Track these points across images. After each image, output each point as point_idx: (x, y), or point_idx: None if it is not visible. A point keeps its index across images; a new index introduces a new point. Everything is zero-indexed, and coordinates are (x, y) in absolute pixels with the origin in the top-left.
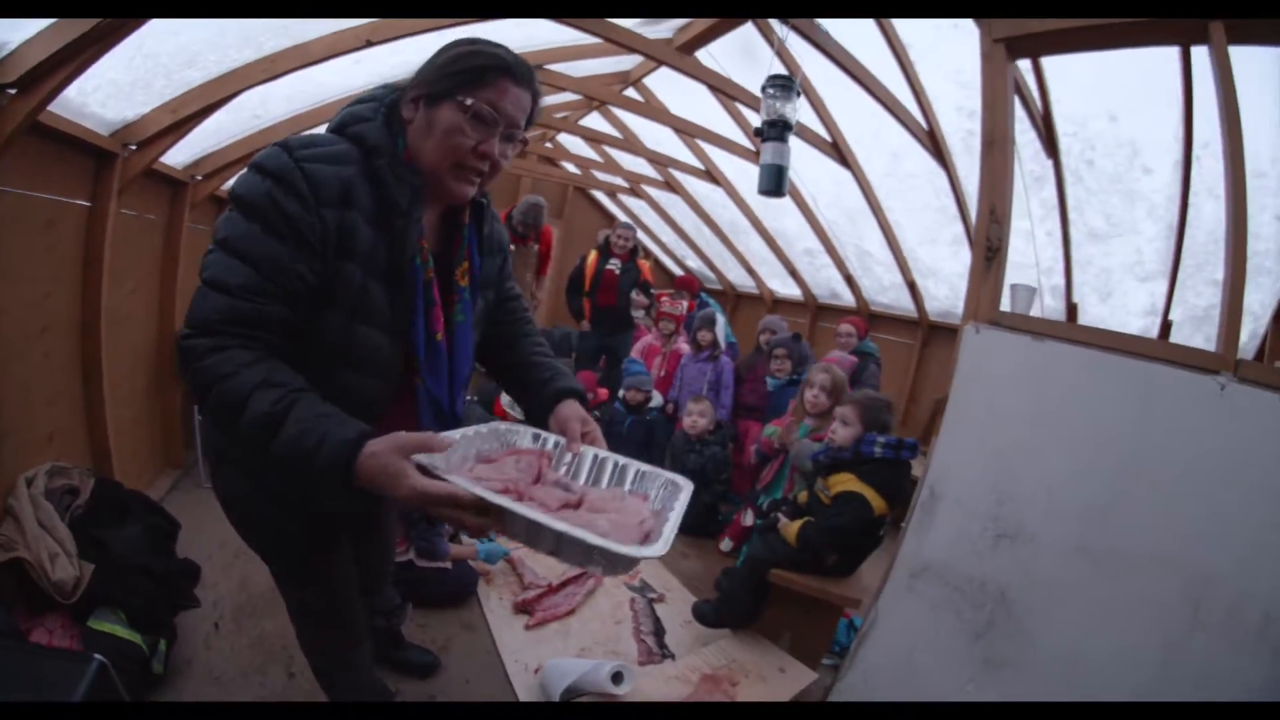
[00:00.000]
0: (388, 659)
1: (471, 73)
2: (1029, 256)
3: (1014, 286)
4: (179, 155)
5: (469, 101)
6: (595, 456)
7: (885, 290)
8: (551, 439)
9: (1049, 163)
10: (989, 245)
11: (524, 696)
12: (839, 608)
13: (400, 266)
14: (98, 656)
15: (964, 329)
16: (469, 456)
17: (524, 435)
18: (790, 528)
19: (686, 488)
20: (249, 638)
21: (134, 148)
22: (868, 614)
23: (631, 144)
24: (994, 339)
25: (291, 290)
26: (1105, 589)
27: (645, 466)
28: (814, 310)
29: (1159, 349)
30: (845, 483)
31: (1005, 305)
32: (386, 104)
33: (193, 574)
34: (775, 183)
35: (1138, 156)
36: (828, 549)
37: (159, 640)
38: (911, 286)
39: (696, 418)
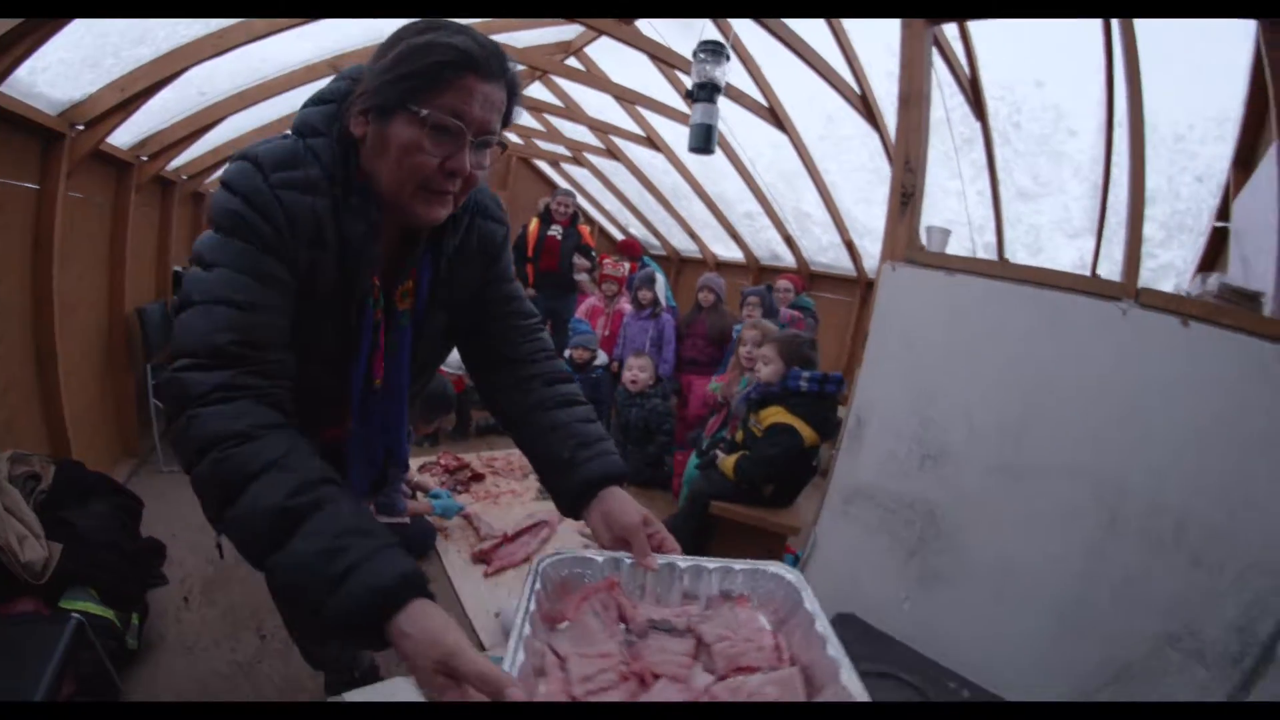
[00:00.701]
0: None
1: (426, 75)
2: (961, 215)
3: (929, 228)
4: (124, 136)
5: (425, 113)
6: (675, 568)
7: (824, 250)
8: (620, 559)
9: (978, 125)
10: (904, 191)
11: (486, 640)
12: (782, 538)
13: (349, 308)
14: (75, 615)
15: (882, 267)
16: (533, 626)
17: (594, 566)
18: (727, 461)
19: (804, 588)
20: (219, 608)
21: (82, 128)
22: (807, 541)
23: (573, 112)
24: (910, 275)
25: (287, 306)
26: (1026, 502)
27: (739, 563)
28: (756, 272)
29: (1066, 280)
30: (775, 415)
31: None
32: (342, 108)
33: (159, 552)
34: (704, 140)
35: (1063, 120)
36: (763, 479)
37: (131, 615)
38: (849, 246)
39: (637, 372)
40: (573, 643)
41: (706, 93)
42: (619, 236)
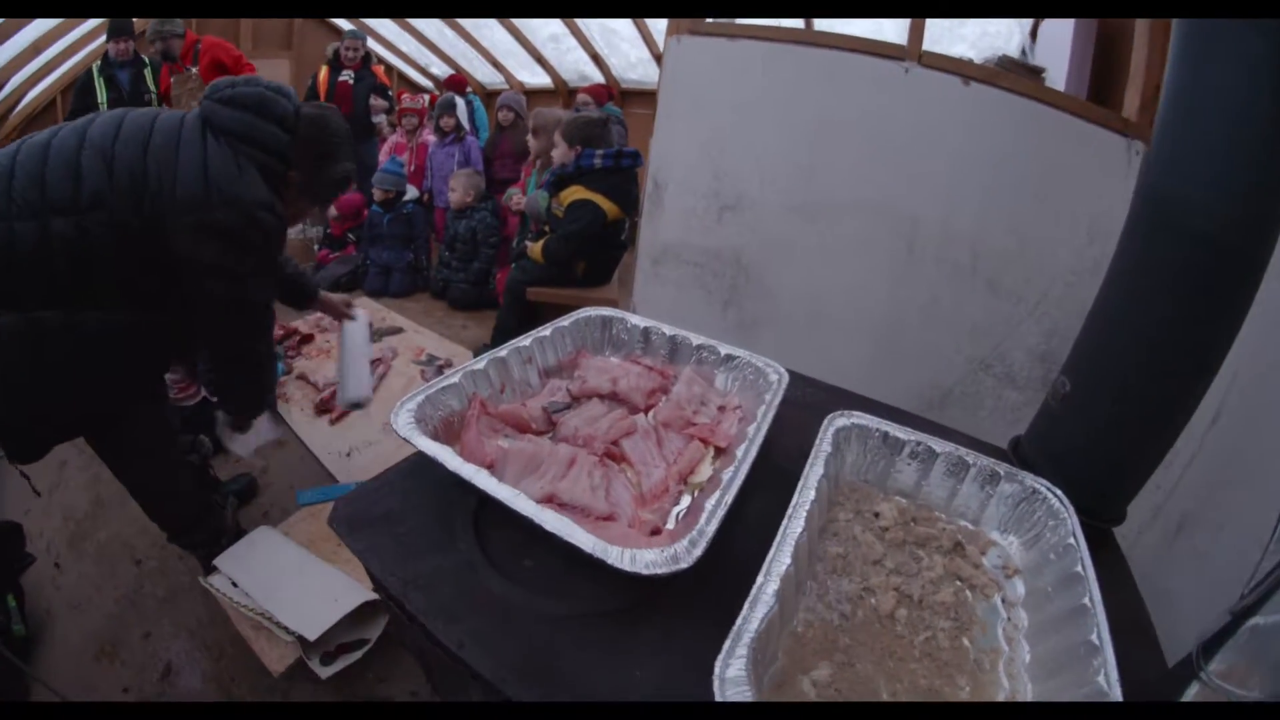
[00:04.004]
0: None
1: (336, 190)
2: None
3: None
4: None
5: (323, 206)
6: (519, 351)
7: (633, 66)
8: (467, 371)
9: None
10: None
11: (341, 477)
12: None
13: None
14: None
15: (668, 42)
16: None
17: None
18: (535, 247)
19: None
20: (89, 557)
21: None
22: (626, 309)
23: None
24: (695, 44)
25: None
26: (824, 237)
27: (563, 319)
28: (565, 96)
29: (847, 41)
30: (574, 193)
31: None
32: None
33: (17, 532)
34: None
35: None
36: (572, 256)
37: (7, 599)
38: (659, 60)
39: (461, 194)
40: (514, 477)
41: None
42: (420, 79)
